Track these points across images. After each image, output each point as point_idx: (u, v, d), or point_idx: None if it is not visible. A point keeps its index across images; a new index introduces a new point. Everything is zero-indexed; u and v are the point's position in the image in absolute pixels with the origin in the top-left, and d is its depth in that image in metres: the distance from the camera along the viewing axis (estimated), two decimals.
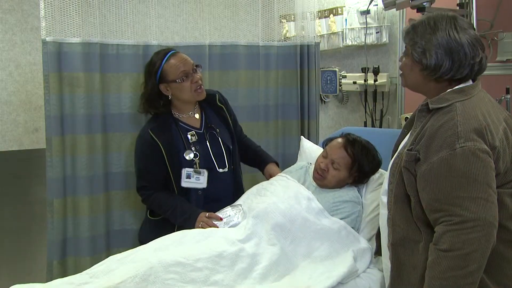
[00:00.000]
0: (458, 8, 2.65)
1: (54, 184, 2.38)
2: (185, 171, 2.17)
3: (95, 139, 2.43)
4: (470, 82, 1.54)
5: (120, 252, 1.86)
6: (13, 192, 3.80)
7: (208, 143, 2.25)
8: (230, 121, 2.37)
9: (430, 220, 1.47)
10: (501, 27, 2.58)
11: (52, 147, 2.35)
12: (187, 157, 2.18)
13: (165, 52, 2.22)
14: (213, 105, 2.36)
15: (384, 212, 1.67)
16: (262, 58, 2.84)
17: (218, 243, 1.81)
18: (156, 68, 2.19)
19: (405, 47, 1.58)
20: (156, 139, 2.15)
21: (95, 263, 1.80)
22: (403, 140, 1.70)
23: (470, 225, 1.36)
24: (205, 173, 2.20)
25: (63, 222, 2.41)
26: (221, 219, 2.04)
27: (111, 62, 2.46)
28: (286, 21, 3.75)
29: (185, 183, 2.18)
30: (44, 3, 2.28)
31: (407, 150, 1.52)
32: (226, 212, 2.07)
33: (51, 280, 1.91)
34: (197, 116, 2.30)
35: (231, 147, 2.32)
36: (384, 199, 1.67)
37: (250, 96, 2.81)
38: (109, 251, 2.48)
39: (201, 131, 2.27)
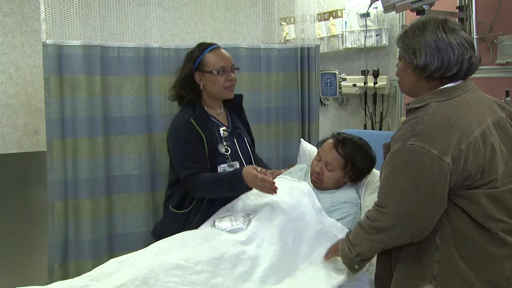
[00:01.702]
0: (457, 10, 2.66)
1: (55, 187, 2.37)
2: (221, 168, 2.20)
3: (96, 142, 2.43)
4: (459, 82, 1.57)
5: (122, 255, 1.86)
6: (13, 195, 3.79)
7: (236, 141, 2.29)
8: (249, 124, 2.43)
9: None
10: (501, 30, 2.59)
11: (53, 149, 2.35)
12: (221, 150, 2.21)
13: (209, 44, 2.28)
14: (236, 107, 2.40)
15: None
16: (263, 60, 2.85)
17: (219, 245, 1.81)
18: (196, 55, 2.24)
19: (399, 51, 1.64)
20: (198, 128, 2.16)
21: (97, 267, 1.80)
22: None
23: (381, 210, 1.53)
24: (236, 165, 2.23)
25: (64, 225, 2.40)
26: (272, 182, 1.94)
27: (112, 64, 2.46)
28: (286, 24, 3.76)
29: None
30: (45, 5, 2.28)
31: (384, 143, 1.62)
32: (237, 216, 2.03)
33: (52, 283, 1.91)
34: (223, 115, 2.35)
35: (252, 148, 2.38)
36: None
37: (252, 98, 2.81)
38: (111, 255, 2.47)
39: (229, 129, 2.31)
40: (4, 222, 3.56)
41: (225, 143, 2.24)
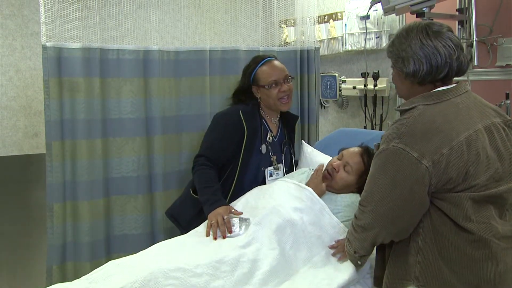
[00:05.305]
0: (457, 13, 2.66)
1: (54, 188, 2.37)
2: (267, 170, 2.30)
3: (95, 144, 2.43)
4: (452, 85, 1.58)
5: (120, 257, 1.85)
6: (12, 196, 3.79)
7: (281, 149, 2.40)
8: (293, 146, 2.51)
9: None
10: (501, 32, 2.58)
11: (52, 152, 2.35)
12: (263, 150, 2.29)
13: (262, 58, 2.35)
14: (290, 126, 2.48)
15: None
16: None
17: (219, 248, 1.81)
18: (250, 70, 2.33)
19: (391, 61, 1.67)
20: (244, 122, 2.23)
21: (95, 268, 1.80)
22: None
23: (361, 209, 1.58)
24: (281, 167, 2.34)
25: (63, 227, 2.40)
26: (231, 231, 1.95)
27: (111, 67, 2.47)
28: (286, 26, 3.76)
29: (269, 181, 2.28)
30: (45, 8, 2.29)
31: (375, 144, 1.64)
32: (234, 221, 2.01)
33: (51, 285, 1.91)
34: (276, 126, 2.42)
35: (287, 168, 2.43)
36: None
37: None
38: (109, 257, 2.47)
39: (276, 139, 2.38)
40: (3, 223, 3.56)
41: (269, 147, 2.33)
